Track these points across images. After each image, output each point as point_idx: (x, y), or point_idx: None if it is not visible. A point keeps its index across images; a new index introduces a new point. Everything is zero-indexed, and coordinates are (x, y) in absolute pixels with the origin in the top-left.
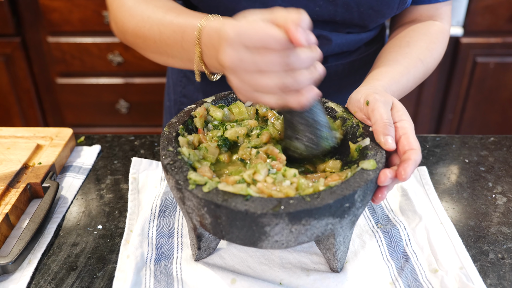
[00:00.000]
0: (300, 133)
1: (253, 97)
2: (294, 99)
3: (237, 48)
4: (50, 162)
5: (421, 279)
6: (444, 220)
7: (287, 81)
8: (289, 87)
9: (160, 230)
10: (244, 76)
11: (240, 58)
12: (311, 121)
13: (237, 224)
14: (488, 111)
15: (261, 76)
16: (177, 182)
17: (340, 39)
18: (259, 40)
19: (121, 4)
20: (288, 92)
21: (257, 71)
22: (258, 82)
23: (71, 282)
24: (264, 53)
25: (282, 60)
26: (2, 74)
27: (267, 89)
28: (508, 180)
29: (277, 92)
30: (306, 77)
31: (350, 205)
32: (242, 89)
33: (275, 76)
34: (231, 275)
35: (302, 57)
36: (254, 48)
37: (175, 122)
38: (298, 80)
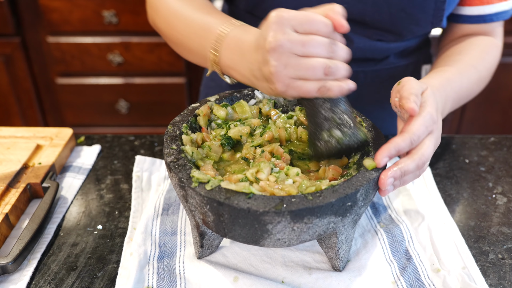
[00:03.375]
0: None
1: (294, 84)
2: (336, 87)
3: (286, 30)
4: (50, 162)
5: (423, 278)
6: (446, 220)
7: (332, 65)
8: (333, 72)
9: (163, 228)
10: (290, 58)
11: (289, 39)
12: (346, 111)
13: (240, 222)
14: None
15: (307, 59)
16: (180, 180)
17: (364, 44)
18: (309, 23)
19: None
20: (329, 79)
21: (303, 52)
22: (304, 64)
23: (71, 282)
24: (313, 36)
25: (329, 45)
26: (2, 74)
27: (312, 72)
28: (508, 180)
29: (320, 78)
30: (345, 68)
31: (352, 204)
32: (283, 75)
33: (321, 59)
34: (233, 273)
35: (341, 47)
36: (302, 30)
37: (179, 120)
38: (339, 67)
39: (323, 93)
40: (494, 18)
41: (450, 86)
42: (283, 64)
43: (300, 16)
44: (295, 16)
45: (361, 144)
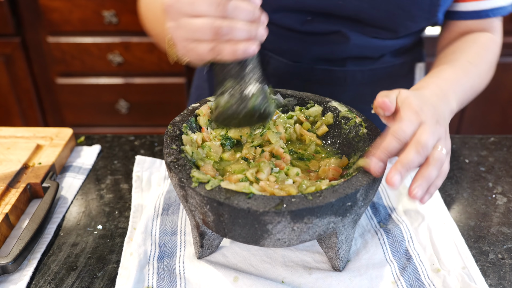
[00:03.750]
0: (228, 87)
1: (189, 47)
2: (228, 49)
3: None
4: (50, 162)
5: (423, 278)
6: (446, 220)
7: (223, 25)
8: (224, 33)
9: (163, 228)
10: (180, 18)
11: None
12: (243, 77)
13: (240, 222)
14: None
15: (195, 18)
16: (180, 180)
17: (361, 41)
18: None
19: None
20: (223, 41)
21: (193, 13)
22: (192, 24)
23: (71, 282)
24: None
25: (217, 4)
26: (2, 74)
27: (200, 32)
28: (508, 180)
29: (211, 38)
30: (243, 28)
31: (352, 204)
32: (177, 36)
33: (209, 18)
34: (233, 273)
35: (240, 6)
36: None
37: (179, 120)
38: (234, 28)
39: (216, 56)
40: (491, 14)
41: (446, 84)
42: (176, 25)
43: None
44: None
45: (261, 114)
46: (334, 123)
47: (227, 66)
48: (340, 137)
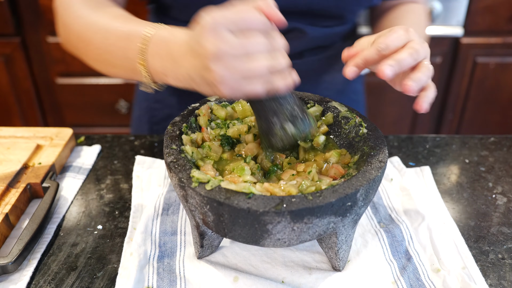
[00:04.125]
0: (287, 114)
1: (241, 86)
2: (280, 81)
3: (221, 32)
4: (50, 162)
5: (423, 278)
6: (446, 220)
7: (275, 61)
8: (276, 68)
9: (163, 228)
10: (232, 61)
11: (226, 41)
12: (293, 103)
13: (240, 222)
14: (488, 111)
15: (250, 60)
16: (180, 180)
17: (315, 32)
18: (243, 22)
19: (67, 6)
20: (274, 75)
21: (245, 54)
22: (248, 66)
23: (71, 282)
24: (250, 35)
25: (268, 41)
26: (2, 74)
27: (258, 72)
28: (508, 180)
29: (265, 76)
30: (287, 59)
31: (352, 204)
32: (229, 79)
33: (263, 57)
34: (233, 273)
35: (280, 40)
36: (238, 31)
37: (179, 120)
38: (282, 62)
39: (272, 92)
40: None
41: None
42: (227, 70)
43: (234, 16)
44: (229, 17)
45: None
46: (334, 123)
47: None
48: (340, 137)
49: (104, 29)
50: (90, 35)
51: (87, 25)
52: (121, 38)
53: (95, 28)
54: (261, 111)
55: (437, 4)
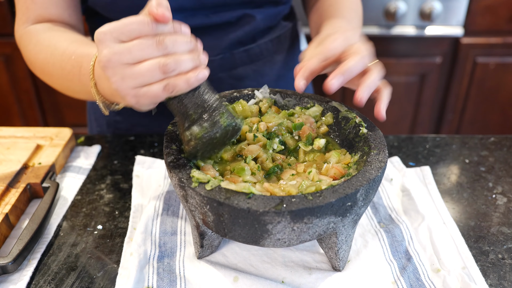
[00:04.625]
0: (194, 115)
1: (140, 93)
2: (181, 80)
3: (110, 44)
4: (50, 162)
5: (423, 278)
6: (446, 220)
7: (168, 62)
8: (172, 68)
9: (163, 228)
10: (123, 69)
11: (115, 51)
12: (203, 103)
13: (240, 222)
14: (488, 111)
15: (139, 65)
16: (180, 180)
17: (262, 15)
18: (129, 29)
19: (27, 43)
20: (172, 76)
21: (135, 60)
22: (138, 70)
23: (71, 282)
24: (137, 40)
25: (157, 44)
26: (2, 74)
27: (149, 75)
28: (509, 180)
29: (160, 77)
30: (188, 60)
31: (352, 204)
32: (125, 87)
33: (153, 60)
34: (233, 273)
35: (178, 40)
36: (128, 39)
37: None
38: (179, 61)
39: (171, 91)
40: None
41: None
42: (120, 78)
43: (119, 25)
44: (114, 27)
45: (231, 130)
46: (334, 123)
47: (183, 98)
48: (340, 137)
49: (60, 59)
50: (50, 68)
51: (46, 58)
52: (74, 66)
53: (53, 59)
54: (174, 114)
55: (437, 4)
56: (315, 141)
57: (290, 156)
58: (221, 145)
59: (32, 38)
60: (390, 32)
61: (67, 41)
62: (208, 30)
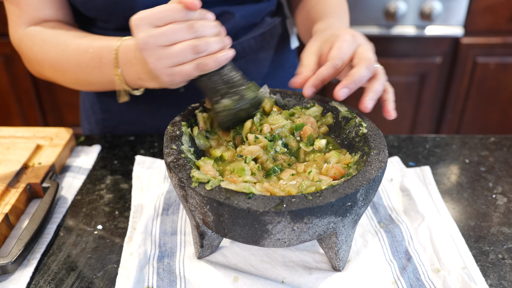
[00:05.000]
0: (223, 90)
1: (174, 71)
2: (211, 59)
3: (146, 28)
4: (50, 162)
5: (423, 278)
6: (446, 220)
7: (199, 43)
8: (202, 49)
9: (163, 228)
10: (158, 51)
11: (151, 35)
12: (230, 79)
13: (240, 222)
14: (488, 111)
15: (174, 46)
16: (180, 180)
17: (242, 12)
18: (162, 15)
19: (31, 44)
20: (203, 56)
21: (169, 43)
22: (173, 51)
23: (71, 282)
24: (171, 24)
25: (189, 28)
26: (2, 74)
27: (182, 55)
28: (509, 180)
29: (192, 58)
30: (216, 41)
31: (352, 204)
32: (160, 67)
33: (186, 42)
34: (233, 273)
35: (206, 25)
36: (162, 24)
37: (179, 120)
38: (209, 42)
39: (202, 70)
40: None
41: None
42: (156, 58)
43: (154, 12)
44: (150, 13)
45: (255, 102)
46: (334, 123)
47: (212, 75)
48: (340, 137)
49: (75, 55)
50: (63, 64)
51: (58, 55)
52: (94, 58)
53: (66, 55)
54: (205, 90)
55: (437, 4)
56: (316, 141)
57: (290, 156)
58: (247, 116)
59: (35, 39)
60: (390, 32)
61: (76, 37)
62: None
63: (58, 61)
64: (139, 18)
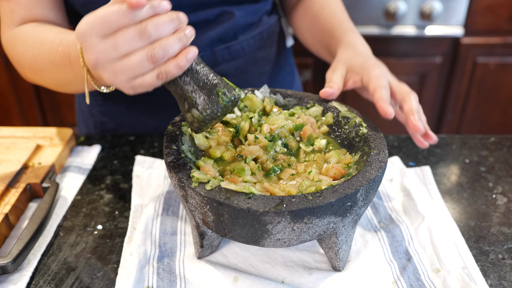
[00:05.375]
0: (192, 98)
1: (135, 84)
2: (172, 65)
3: (94, 41)
4: (50, 162)
5: (423, 278)
6: (447, 220)
7: (155, 51)
8: (160, 56)
9: (163, 228)
10: (112, 66)
11: (100, 50)
12: (198, 82)
13: (240, 222)
14: (488, 111)
15: (128, 58)
16: (180, 180)
17: (241, 12)
18: (108, 22)
19: (14, 45)
20: (163, 63)
21: (122, 54)
22: (128, 65)
23: (71, 282)
24: (120, 33)
25: (140, 34)
26: (2, 74)
27: (139, 67)
28: (509, 180)
29: (151, 67)
30: (175, 42)
31: (352, 204)
32: (119, 82)
33: (140, 51)
34: (233, 273)
35: (160, 23)
36: (109, 34)
37: (179, 120)
38: (166, 47)
39: (165, 78)
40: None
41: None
42: (112, 74)
43: (97, 21)
44: (93, 24)
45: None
46: (334, 123)
47: (179, 81)
48: (340, 137)
49: (48, 53)
50: (39, 64)
51: (34, 56)
52: (63, 57)
53: (41, 56)
54: (175, 94)
55: (437, 4)
56: (316, 141)
57: (290, 156)
58: (225, 115)
59: (18, 39)
60: (390, 32)
61: (52, 34)
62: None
63: (35, 60)
64: (84, 30)
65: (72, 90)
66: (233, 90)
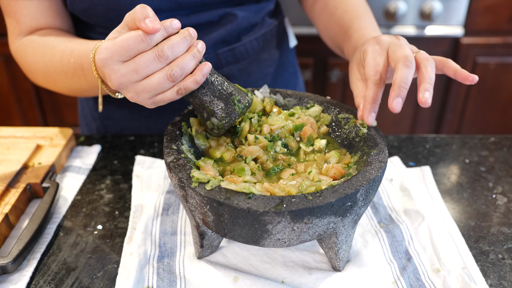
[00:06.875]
0: (210, 108)
1: (156, 100)
2: (189, 81)
3: (115, 67)
4: (50, 162)
5: (423, 278)
6: (447, 220)
7: (173, 71)
8: (178, 74)
9: (163, 228)
10: (135, 88)
11: (122, 74)
12: (215, 92)
13: (240, 222)
14: (488, 111)
15: (148, 79)
16: (180, 180)
17: (245, 12)
18: (126, 50)
19: (24, 55)
20: (181, 80)
21: (143, 77)
22: (149, 85)
23: (71, 282)
24: (139, 58)
25: (158, 57)
26: (2, 74)
27: (160, 87)
28: (509, 180)
29: (170, 85)
30: (190, 59)
31: (352, 204)
32: (141, 100)
33: (160, 72)
34: (233, 273)
35: (174, 44)
36: (129, 59)
37: (179, 120)
38: (183, 65)
39: (184, 93)
40: None
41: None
42: (135, 93)
43: (115, 48)
44: (112, 51)
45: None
46: (334, 123)
47: (197, 93)
48: (340, 137)
49: (60, 65)
50: (52, 74)
51: (46, 67)
52: (76, 68)
53: (53, 66)
54: (193, 106)
55: (437, 4)
56: (316, 141)
57: (290, 156)
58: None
59: (28, 49)
60: (390, 32)
61: (61, 45)
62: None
63: (47, 71)
64: (104, 58)
65: (86, 95)
66: (246, 96)
